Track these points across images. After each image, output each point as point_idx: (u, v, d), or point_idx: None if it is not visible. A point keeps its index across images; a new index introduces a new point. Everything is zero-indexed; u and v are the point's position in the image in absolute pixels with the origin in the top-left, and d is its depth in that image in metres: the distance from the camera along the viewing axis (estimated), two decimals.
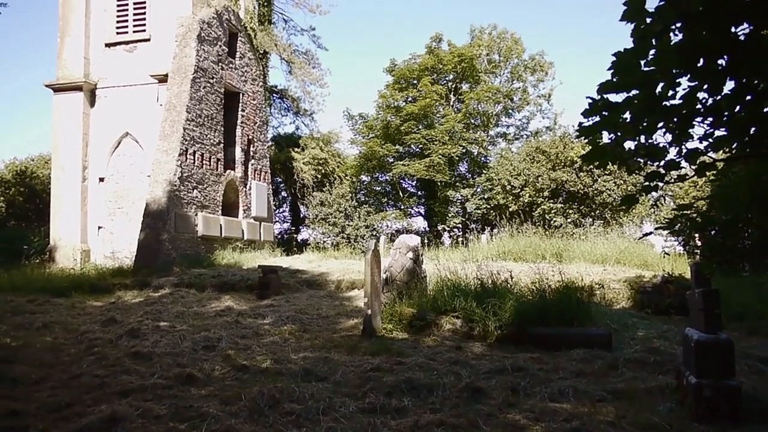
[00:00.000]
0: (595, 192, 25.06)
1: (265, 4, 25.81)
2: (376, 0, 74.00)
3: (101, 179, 19.45)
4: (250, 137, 21.62)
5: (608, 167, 3.50)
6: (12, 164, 31.36)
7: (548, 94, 35.48)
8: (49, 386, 5.70)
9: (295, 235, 31.10)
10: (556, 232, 20.57)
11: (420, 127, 30.09)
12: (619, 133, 3.05)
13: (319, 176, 30.19)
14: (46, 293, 12.72)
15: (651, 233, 4.32)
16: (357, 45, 73.70)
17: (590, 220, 25.57)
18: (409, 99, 30.72)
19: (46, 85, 19.79)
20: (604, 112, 2.89)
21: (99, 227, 19.37)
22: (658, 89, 2.93)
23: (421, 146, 29.79)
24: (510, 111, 35.35)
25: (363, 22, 73.79)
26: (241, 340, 7.79)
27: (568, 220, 24.98)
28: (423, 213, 32.37)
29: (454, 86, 32.79)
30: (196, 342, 7.45)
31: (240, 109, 20.98)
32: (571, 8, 69.93)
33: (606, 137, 3.21)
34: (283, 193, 32.02)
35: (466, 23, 65.25)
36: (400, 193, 31.37)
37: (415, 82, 31.15)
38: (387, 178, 31.65)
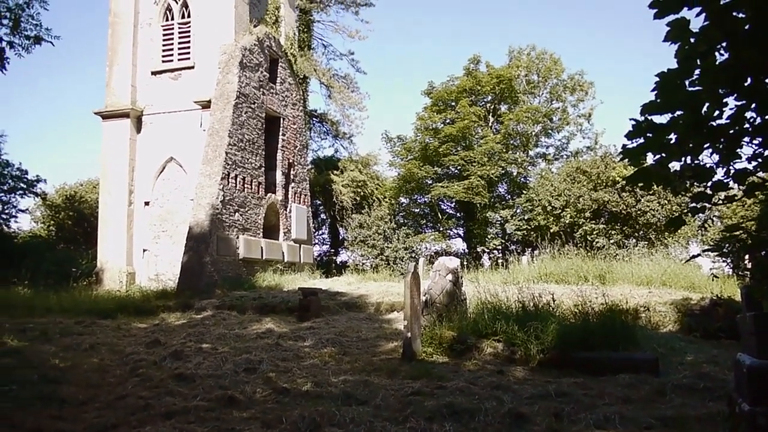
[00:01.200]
0: (639, 212, 24.56)
1: (305, 30, 26.32)
2: (413, 24, 74.73)
3: (146, 203, 19.95)
4: (291, 161, 21.92)
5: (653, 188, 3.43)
6: (62, 189, 32.48)
7: (588, 114, 35.13)
8: (95, 407, 5.81)
9: (335, 257, 31.27)
10: (598, 254, 20.15)
11: (458, 148, 30.06)
12: (664, 155, 3.00)
13: (358, 198, 30.37)
14: (93, 315, 13.03)
15: (699, 255, 4.20)
16: (395, 68, 74.36)
17: (634, 241, 25.03)
18: (448, 121, 30.76)
19: (96, 113, 20.50)
20: (648, 134, 2.84)
21: (144, 250, 19.83)
22: (704, 109, 2.88)
23: (459, 168, 29.73)
24: (549, 131, 35.09)
25: (401, 45, 74.49)
26: (281, 362, 7.82)
27: (611, 241, 24.51)
28: (462, 235, 32.21)
29: (492, 107, 32.73)
30: (237, 364, 7.51)
31: (281, 134, 21.32)
32: (612, 27, 69.38)
33: (650, 158, 3.16)
34: (323, 216, 32.30)
35: (504, 45, 65.32)
36: (439, 215, 31.30)
37: (453, 103, 31.19)
38: (426, 199, 31.64)
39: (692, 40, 2.77)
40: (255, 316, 12.77)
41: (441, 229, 30.95)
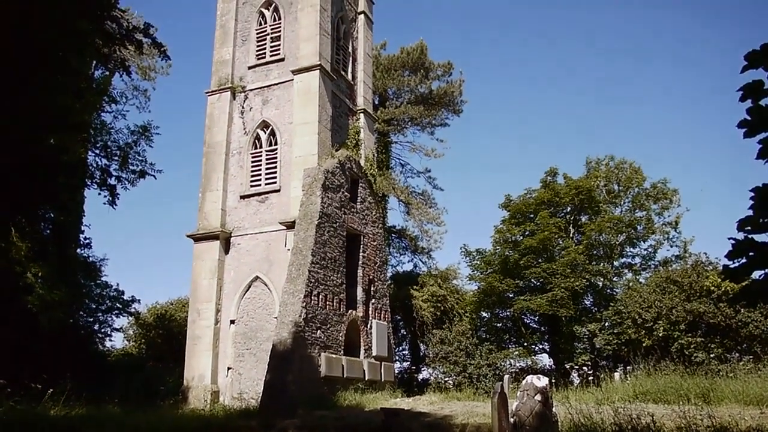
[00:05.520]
0: (739, 324, 22.98)
1: (383, 151, 27.50)
2: (488, 140, 76.60)
3: (232, 321, 20.47)
4: (371, 277, 22.16)
5: None
6: (153, 308, 33.92)
7: (675, 222, 33.99)
8: None
9: (416, 375, 30.54)
10: (698, 369, 18.82)
11: (540, 260, 29.54)
12: None
13: (438, 313, 30.02)
14: None
15: None
16: (471, 182, 75.61)
17: (737, 355, 23.28)
18: (527, 233, 30.52)
19: (188, 235, 21.70)
20: (750, 253, 2.74)
21: (228, 368, 20.11)
22: None
23: (542, 280, 29.07)
24: (634, 240, 34.04)
25: (476, 160, 76.11)
26: None
27: (711, 356, 22.88)
28: (548, 350, 30.89)
29: (572, 218, 32.34)
30: None
31: (361, 251, 21.74)
32: (694, 134, 68.62)
33: (755, 274, 3.02)
34: (403, 331, 31.97)
35: (580, 156, 65.54)
36: (523, 329, 30.33)
37: (531, 215, 31.07)
38: (508, 313, 30.85)
39: None
40: None
41: (525, 344, 29.87)
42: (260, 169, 21.65)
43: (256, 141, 22.08)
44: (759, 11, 64.36)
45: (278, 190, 21.00)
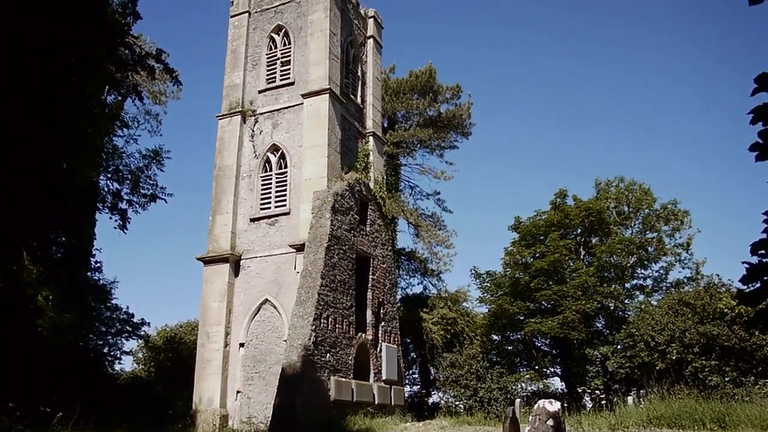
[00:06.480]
0: (754, 347, 22.64)
1: (393, 173, 27.57)
2: (497, 162, 76.66)
3: (241, 344, 20.40)
4: (381, 299, 22.07)
5: None
6: (163, 331, 33.89)
7: (686, 243, 33.68)
8: None
9: (426, 399, 30.24)
10: (713, 393, 18.52)
11: (550, 282, 29.33)
12: None
13: (449, 336, 29.80)
14: None
15: None
16: (480, 204, 75.52)
17: (752, 378, 22.89)
18: (537, 255, 30.35)
19: (198, 258, 21.75)
20: (764, 277, 2.71)
21: (237, 392, 20.00)
22: None
23: (552, 302, 28.84)
24: (646, 262, 33.76)
25: (485, 181, 76.11)
26: None
27: (726, 379, 22.51)
28: (559, 373, 30.52)
29: (583, 240, 32.15)
30: None
31: (370, 273, 21.69)
32: (703, 157, 68.38)
33: None
34: (413, 354, 31.74)
35: (589, 178, 65.43)
36: (534, 353, 30.02)
37: (541, 237, 30.92)
38: (519, 336, 30.58)
39: None
40: None
41: (537, 367, 29.54)
42: (270, 192, 21.75)
43: (266, 164, 22.21)
44: None
45: (288, 213, 21.06)
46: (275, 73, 23.08)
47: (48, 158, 8.23)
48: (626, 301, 31.53)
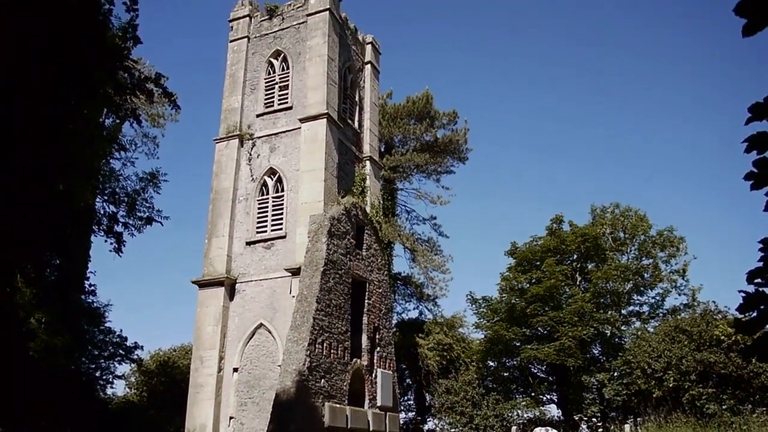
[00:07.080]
0: (751, 374, 22.53)
1: (389, 198, 27.61)
2: (494, 187, 76.95)
3: (235, 369, 20.18)
4: (376, 324, 21.94)
5: None
6: (156, 355, 33.58)
7: (682, 270, 33.70)
8: None
9: (421, 425, 29.91)
10: (710, 422, 18.42)
11: (546, 308, 29.26)
12: None
13: (444, 362, 29.59)
14: None
15: None
16: (477, 229, 75.60)
17: (750, 406, 22.75)
18: (533, 280, 30.33)
19: (193, 282, 21.62)
20: (761, 306, 2.71)
21: (230, 417, 19.73)
22: None
23: (549, 328, 28.75)
24: (642, 288, 33.74)
25: (481, 206, 76.29)
26: None
27: (723, 407, 22.37)
28: (556, 400, 30.29)
29: (579, 265, 32.17)
30: None
31: (366, 298, 21.58)
32: (699, 184, 68.80)
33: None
34: (408, 380, 31.46)
35: (585, 204, 65.68)
36: (530, 379, 29.80)
37: (537, 263, 30.92)
38: (515, 362, 30.39)
39: None
40: None
41: (533, 394, 29.31)
42: (266, 216, 21.71)
43: (263, 187, 22.22)
44: (763, 64, 65.33)
45: (284, 237, 21.00)
46: (273, 97, 23.21)
47: (44, 180, 8.22)
48: (623, 328, 31.46)
